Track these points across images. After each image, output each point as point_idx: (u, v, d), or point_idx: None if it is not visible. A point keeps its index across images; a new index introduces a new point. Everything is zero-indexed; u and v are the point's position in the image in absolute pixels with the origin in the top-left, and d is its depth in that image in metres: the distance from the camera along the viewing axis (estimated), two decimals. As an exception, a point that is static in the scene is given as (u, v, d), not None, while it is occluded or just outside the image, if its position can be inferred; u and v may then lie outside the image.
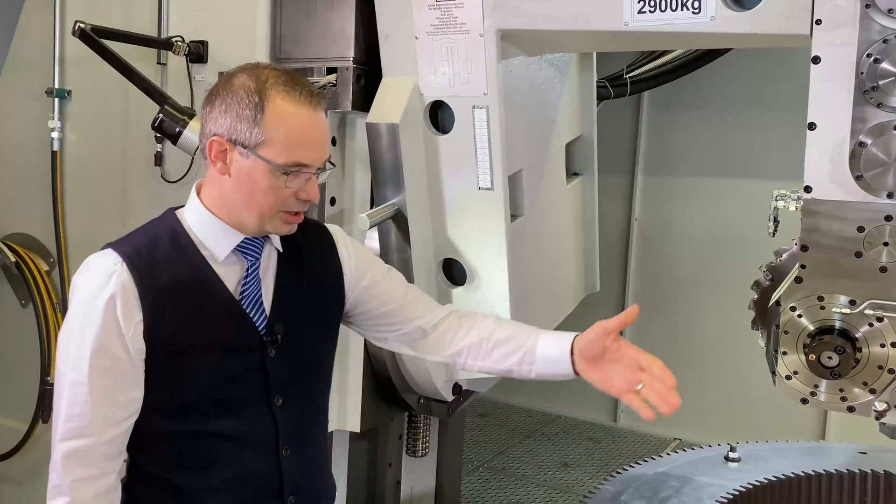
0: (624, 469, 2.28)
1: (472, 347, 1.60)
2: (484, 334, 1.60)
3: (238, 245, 1.43)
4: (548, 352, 1.55)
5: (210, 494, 1.44)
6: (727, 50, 3.37)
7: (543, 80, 2.06)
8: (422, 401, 2.24)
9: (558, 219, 2.24)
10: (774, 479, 2.23)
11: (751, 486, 2.17)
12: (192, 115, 1.94)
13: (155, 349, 1.36)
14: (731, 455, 2.29)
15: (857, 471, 2.30)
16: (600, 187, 5.32)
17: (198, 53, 2.22)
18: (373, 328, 1.66)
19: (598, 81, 3.23)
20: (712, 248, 4.70)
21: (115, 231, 2.65)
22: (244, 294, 1.44)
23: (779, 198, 1.78)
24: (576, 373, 1.54)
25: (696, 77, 3.99)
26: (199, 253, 1.42)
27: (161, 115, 1.91)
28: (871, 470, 2.29)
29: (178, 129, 1.90)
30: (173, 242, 1.41)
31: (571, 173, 2.36)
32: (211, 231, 1.43)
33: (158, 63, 2.31)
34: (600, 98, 3.31)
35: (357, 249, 1.63)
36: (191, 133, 1.90)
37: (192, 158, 2.20)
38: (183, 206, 1.49)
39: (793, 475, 2.25)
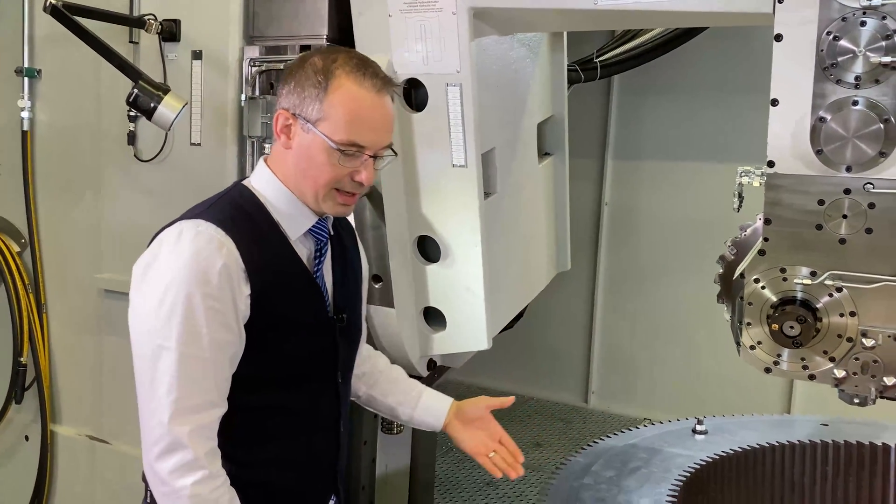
0: (595, 442, 2.34)
1: (371, 374, 1.75)
2: (382, 367, 1.78)
3: (311, 227, 1.47)
4: (430, 404, 1.73)
5: (264, 469, 1.44)
6: (696, 34, 3.43)
7: (515, 59, 2.09)
8: (397, 377, 2.27)
9: (530, 197, 2.28)
10: (740, 449, 2.30)
11: (717, 457, 2.23)
12: (166, 91, 1.94)
13: (254, 322, 1.37)
14: (699, 428, 2.36)
15: (819, 441, 2.38)
16: (571, 171, 5.37)
17: (170, 32, 2.22)
18: None
19: (568, 65, 3.28)
20: (681, 231, 4.78)
21: (89, 211, 2.65)
22: (316, 275, 1.49)
23: (743, 174, 1.83)
24: (443, 429, 1.75)
25: (665, 62, 4.05)
26: (280, 228, 1.44)
27: (136, 91, 1.91)
28: (833, 440, 2.37)
29: (152, 105, 1.90)
30: (258, 216, 1.43)
31: (543, 153, 2.39)
32: (290, 209, 1.45)
33: (131, 41, 2.30)
34: (571, 82, 3.34)
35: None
36: (165, 108, 1.91)
37: (165, 136, 2.20)
38: (246, 177, 1.51)
39: (758, 446, 2.32)
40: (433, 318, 2.11)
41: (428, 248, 2.06)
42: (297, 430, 1.47)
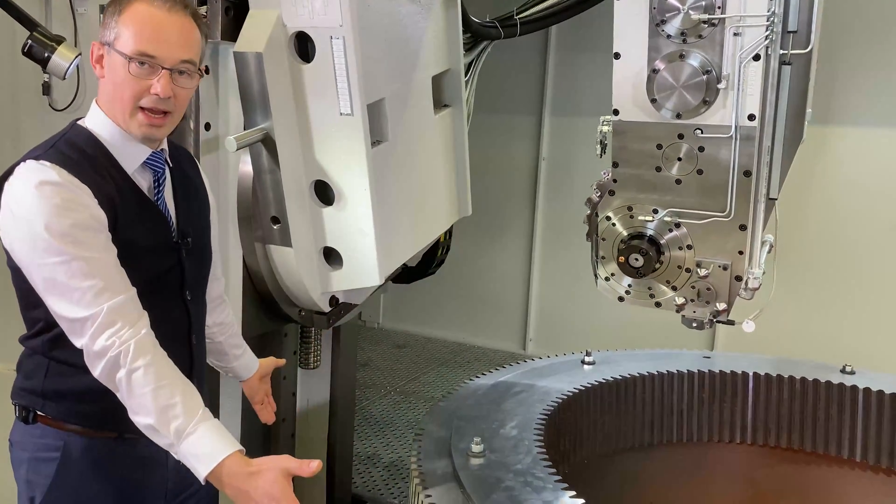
0: (490, 371, 2.54)
1: (229, 326, 2.00)
2: (231, 321, 2.04)
3: (146, 158, 1.62)
4: (249, 361, 2.09)
5: None
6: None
7: (405, 14, 2.22)
8: (303, 313, 2.44)
9: (426, 146, 2.43)
10: (620, 377, 2.51)
11: (597, 383, 2.44)
12: (59, 42, 2.05)
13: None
14: (587, 359, 2.56)
15: (697, 371, 2.60)
16: (509, 128, 5.54)
17: (80, -14, 2.32)
18: None
19: (487, 21, 3.41)
20: (612, 185, 4.94)
21: (9, 159, 2.75)
22: (157, 202, 1.64)
23: (604, 123, 2.01)
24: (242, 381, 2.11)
25: (600, 20, 4.16)
26: (117, 161, 1.58)
27: (30, 41, 2.02)
28: (709, 370, 2.60)
29: (46, 55, 2.02)
30: (95, 152, 1.57)
31: (442, 105, 2.53)
32: (122, 143, 1.59)
33: (43, -5, 2.40)
34: (490, 38, 3.48)
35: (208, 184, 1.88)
36: (59, 58, 2.02)
37: (77, 87, 2.31)
38: (81, 118, 1.64)
39: (638, 374, 2.53)
40: (332, 257, 2.26)
41: (327, 191, 2.20)
42: None
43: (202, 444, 1.45)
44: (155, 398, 1.44)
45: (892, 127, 4.15)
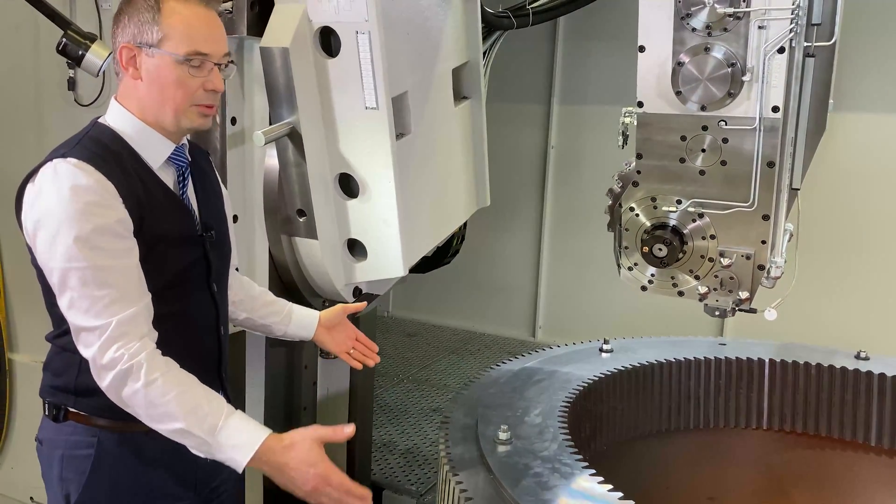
0: (509, 359, 2.57)
1: (247, 300, 1.96)
2: (256, 293, 1.99)
3: (170, 154, 1.64)
4: (301, 320, 2.01)
5: None
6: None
7: (426, 7, 2.24)
8: (326, 303, 2.48)
9: (447, 138, 2.45)
10: (639, 364, 2.54)
11: (616, 371, 2.48)
12: (93, 40, 2.07)
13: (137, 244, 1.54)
14: (605, 347, 2.59)
15: (714, 357, 2.62)
16: (519, 116, 5.55)
17: (104, -18, 2.34)
18: None
19: (500, 12, 3.43)
20: (621, 173, 4.95)
21: (33, 157, 2.78)
22: (182, 197, 1.66)
23: (626, 114, 2.03)
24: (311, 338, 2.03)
25: (608, 9, 4.19)
26: (142, 158, 1.60)
27: (64, 40, 2.04)
28: (725, 357, 2.62)
29: (80, 52, 2.04)
30: (120, 150, 1.58)
31: (461, 97, 2.56)
32: (147, 139, 1.60)
33: (67, -9, 2.42)
34: (503, 28, 3.50)
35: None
36: (93, 56, 2.05)
37: (103, 82, 2.34)
38: (100, 116, 1.65)
39: (656, 362, 2.56)
40: (356, 249, 2.30)
41: (351, 184, 2.24)
42: (183, 333, 1.64)
43: (238, 434, 1.49)
44: (180, 403, 1.48)
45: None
